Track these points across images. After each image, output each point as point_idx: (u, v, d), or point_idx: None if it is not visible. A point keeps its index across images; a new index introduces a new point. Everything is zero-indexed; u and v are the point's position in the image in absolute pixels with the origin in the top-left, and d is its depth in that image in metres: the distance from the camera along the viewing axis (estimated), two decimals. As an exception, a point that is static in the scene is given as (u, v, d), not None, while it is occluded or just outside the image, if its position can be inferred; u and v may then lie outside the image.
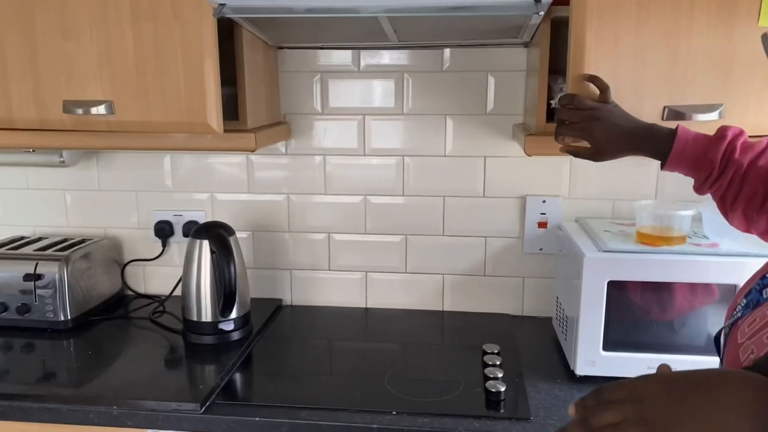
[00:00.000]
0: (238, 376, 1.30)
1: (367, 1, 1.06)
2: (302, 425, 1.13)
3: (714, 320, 1.22)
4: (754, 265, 1.17)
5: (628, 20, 1.09)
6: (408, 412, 1.15)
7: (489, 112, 1.52)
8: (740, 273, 1.18)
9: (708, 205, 1.34)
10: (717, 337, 0.71)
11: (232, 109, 1.32)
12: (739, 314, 0.66)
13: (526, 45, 1.48)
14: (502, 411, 1.16)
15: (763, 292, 0.64)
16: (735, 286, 1.18)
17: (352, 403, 1.18)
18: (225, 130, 1.27)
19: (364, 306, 1.67)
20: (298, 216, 1.64)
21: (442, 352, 1.42)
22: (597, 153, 1.04)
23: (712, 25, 1.09)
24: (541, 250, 1.56)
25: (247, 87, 1.33)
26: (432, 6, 1.06)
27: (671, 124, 1.10)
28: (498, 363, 1.31)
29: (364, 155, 1.59)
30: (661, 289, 1.22)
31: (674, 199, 1.48)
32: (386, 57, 1.53)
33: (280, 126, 1.52)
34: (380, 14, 1.11)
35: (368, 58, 1.54)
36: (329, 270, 1.67)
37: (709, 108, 1.13)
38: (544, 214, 1.54)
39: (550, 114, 1.26)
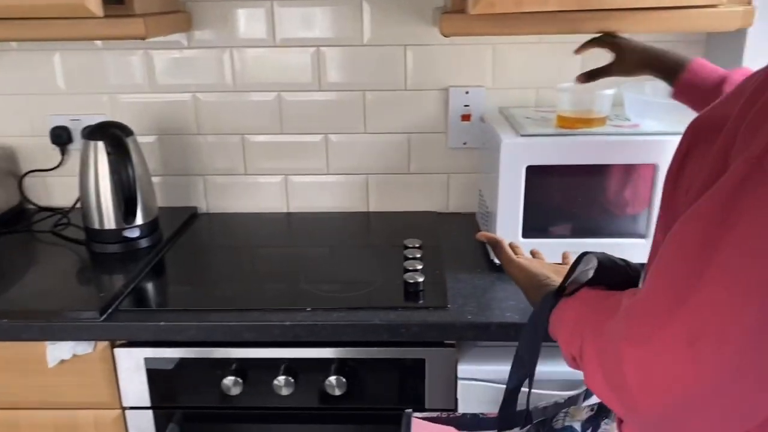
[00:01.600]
0: (145, 284, 1.22)
1: None
2: (211, 327, 1.07)
3: (634, 202, 1.21)
4: (674, 143, 1.15)
5: None
6: (323, 308, 1.11)
7: (407, -5, 1.42)
8: (660, 152, 1.15)
9: (630, 85, 1.30)
10: None
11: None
12: None
13: None
14: (420, 301, 1.13)
15: None
16: (655, 165, 1.16)
17: (265, 302, 1.13)
18: (109, 15, 1.13)
19: (285, 210, 1.60)
20: (207, 117, 1.53)
21: (365, 252, 1.38)
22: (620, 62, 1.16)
23: None
24: (465, 144, 1.51)
25: (132, -35, 1.19)
26: None
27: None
28: (418, 256, 1.27)
29: (276, 46, 1.47)
30: (580, 173, 1.19)
31: (600, 84, 1.44)
32: (293, -65, 1.39)
33: (177, 14, 1.38)
34: None
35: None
36: (246, 174, 1.57)
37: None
38: (468, 106, 1.48)
39: (467, -10, 1.17)
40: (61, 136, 1.53)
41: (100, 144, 1.27)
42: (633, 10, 1.11)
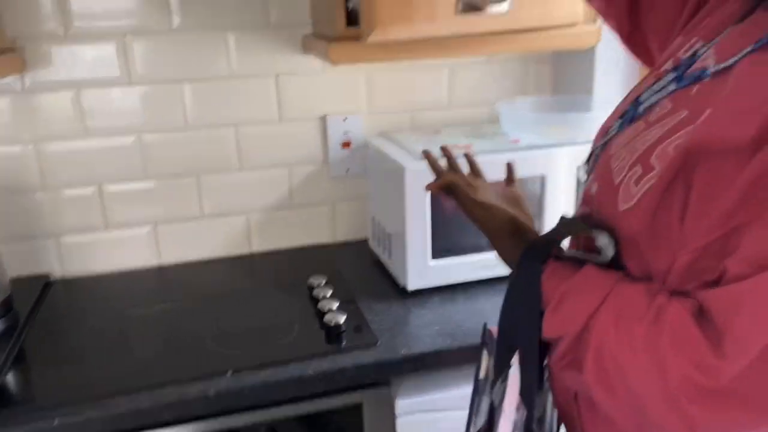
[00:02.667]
0: (14, 377, 1.01)
1: None
2: (118, 415, 0.91)
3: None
4: (558, 155, 1.23)
5: None
6: (246, 367, 1.00)
7: (273, 25, 1.35)
8: (546, 164, 1.22)
9: (505, 102, 1.37)
10: (588, 161, 0.72)
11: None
12: (615, 132, 0.67)
13: (305, -55, 1.33)
14: (345, 343, 1.07)
15: (639, 108, 0.65)
16: (543, 177, 1.23)
17: (175, 373, 0.99)
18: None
19: (157, 264, 1.43)
20: (52, 169, 1.31)
21: (264, 296, 1.28)
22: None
23: None
24: (348, 171, 1.48)
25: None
26: None
27: (467, 19, 1.07)
28: (329, 294, 1.21)
29: (131, 84, 1.31)
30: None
31: (471, 104, 1.50)
32: (141, -39, 1.26)
33: (6, 55, 1.17)
34: None
35: (119, -38, 1.25)
36: (106, 229, 1.38)
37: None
38: (347, 133, 1.45)
39: (349, 18, 1.15)
40: None
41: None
42: (509, 32, 1.17)
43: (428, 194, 1.17)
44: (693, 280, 0.54)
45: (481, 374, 0.78)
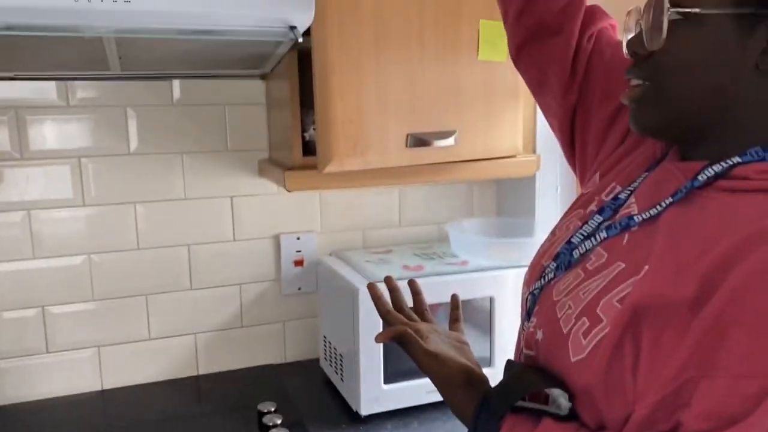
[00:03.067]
0: None
1: (94, 19, 0.86)
2: None
3: (477, 334, 1.29)
4: (505, 277, 1.28)
5: (368, 51, 1.09)
6: None
7: (231, 148, 1.40)
8: (494, 285, 1.27)
9: (453, 224, 1.43)
10: (525, 300, 0.74)
11: None
12: (552, 275, 0.69)
13: (262, 77, 1.40)
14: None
15: (574, 253, 0.68)
16: (491, 298, 1.27)
17: None
18: None
19: (99, 389, 1.37)
20: (-5, 291, 1.28)
21: (212, 422, 1.23)
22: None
23: (441, 57, 1.16)
24: (299, 289, 1.49)
25: None
26: (179, 29, 0.91)
27: (416, 152, 1.14)
28: (279, 422, 1.18)
29: (84, 206, 1.31)
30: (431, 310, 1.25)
31: (421, 222, 1.56)
32: (103, 89, 1.30)
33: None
34: (110, 35, 0.92)
35: (80, 91, 1.28)
36: (47, 353, 1.33)
37: (445, 134, 1.21)
38: (300, 251, 1.47)
39: (305, 148, 1.21)
40: None
41: None
42: (456, 162, 1.25)
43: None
44: (648, 430, 0.56)
45: None
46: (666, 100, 0.61)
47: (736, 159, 0.58)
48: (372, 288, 0.89)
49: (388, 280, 0.92)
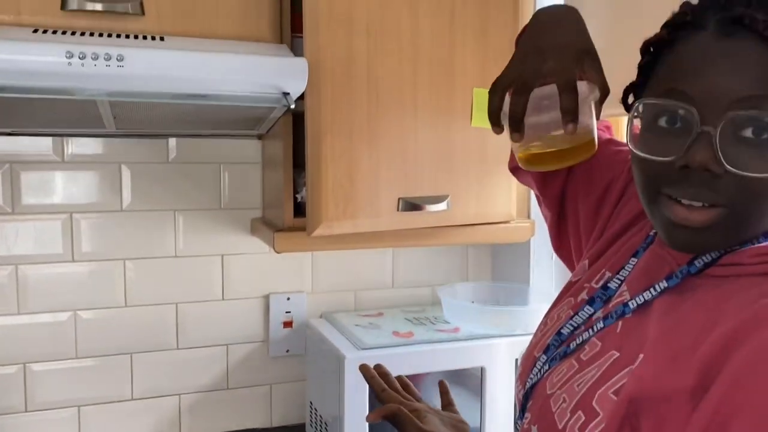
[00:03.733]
0: None
1: (88, 82, 0.87)
2: None
3: (468, 403, 1.26)
4: (497, 347, 1.25)
5: (361, 115, 1.10)
6: None
7: (224, 206, 1.40)
8: (486, 355, 1.24)
9: (444, 289, 1.41)
10: (519, 395, 0.71)
11: None
12: (546, 367, 0.67)
13: (259, 137, 1.41)
14: None
15: (571, 345, 0.65)
16: (482, 368, 1.24)
17: None
18: None
19: (76, 450, 1.33)
20: (-24, 346, 1.25)
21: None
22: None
23: (434, 121, 1.17)
24: (288, 351, 1.46)
25: None
26: (173, 93, 0.92)
27: (408, 216, 1.13)
28: (260, 493, 1.14)
29: (73, 261, 1.30)
30: (418, 379, 1.22)
31: (414, 284, 1.54)
32: (99, 145, 1.31)
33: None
34: (103, 98, 0.93)
35: (75, 146, 1.29)
36: (26, 411, 1.29)
37: (437, 199, 1.20)
38: (289, 312, 1.45)
39: (297, 208, 1.21)
40: None
41: None
42: (448, 227, 1.24)
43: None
44: None
45: None
46: (744, 226, 0.55)
47: (737, 248, 0.57)
48: (365, 369, 0.88)
49: (377, 369, 0.89)
